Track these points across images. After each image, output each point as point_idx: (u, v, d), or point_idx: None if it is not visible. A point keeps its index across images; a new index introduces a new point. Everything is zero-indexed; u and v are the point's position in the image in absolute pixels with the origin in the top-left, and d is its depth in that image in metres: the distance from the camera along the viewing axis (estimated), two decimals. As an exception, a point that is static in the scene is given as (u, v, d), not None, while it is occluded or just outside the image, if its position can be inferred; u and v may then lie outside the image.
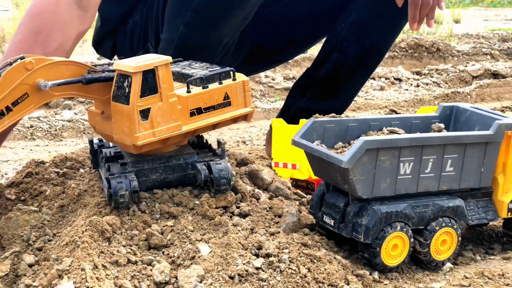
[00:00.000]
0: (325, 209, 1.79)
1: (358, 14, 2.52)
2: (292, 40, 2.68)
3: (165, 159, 1.74)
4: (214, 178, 1.72)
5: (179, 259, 1.58)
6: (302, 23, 2.64)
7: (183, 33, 2.11)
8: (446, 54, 5.37)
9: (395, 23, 2.53)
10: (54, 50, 1.71)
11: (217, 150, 1.81)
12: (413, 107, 4.09)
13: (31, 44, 1.68)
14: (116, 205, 1.65)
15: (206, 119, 1.73)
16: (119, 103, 1.61)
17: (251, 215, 1.76)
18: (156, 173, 1.73)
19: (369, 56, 2.58)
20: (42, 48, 1.69)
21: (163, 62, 1.62)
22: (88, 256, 1.49)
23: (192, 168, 1.76)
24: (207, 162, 1.76)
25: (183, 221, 1.67)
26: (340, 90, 2.63)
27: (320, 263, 1.63)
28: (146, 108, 1.61)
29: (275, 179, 1.96)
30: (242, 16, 2.16)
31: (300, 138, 1.79)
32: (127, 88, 1.60)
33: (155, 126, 1.63)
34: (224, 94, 1.76)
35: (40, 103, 1.58)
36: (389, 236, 1.69)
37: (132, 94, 1.59)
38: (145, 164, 1.72)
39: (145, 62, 1.60)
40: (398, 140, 1.69)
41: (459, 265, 1.84)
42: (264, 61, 2.72)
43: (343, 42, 2.54)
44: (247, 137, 3.24)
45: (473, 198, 1.85)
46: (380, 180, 1.69)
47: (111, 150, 1.82)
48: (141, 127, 1.61)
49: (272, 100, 4.17)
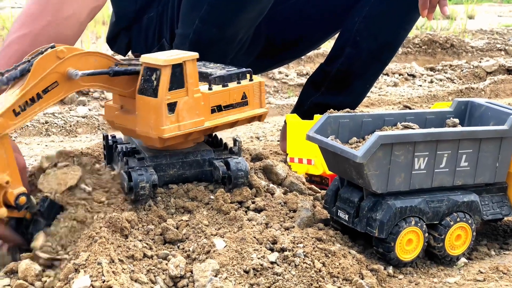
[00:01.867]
0: (339, 204, 1.79)
1: (371, 9, 2.52)
2: (304, 36, 2.69)
3: (182, 155, 1.76)
4: (232, 174, 1.74)
5: (194, 253, 1.59)
6: (314, 20, 2.64)
7: (198, 27, 2.12)
8: (460, 50, 5.35)
9: (408, 17, 2.53)
10: (66, 17, 1.69)
11: (234, 148, 1.82)
12: (427, 103, 4.08)
13: (43, 7, 1.65)
14: (136, 197, 1.66)
15: (225, 117, 1.75)
16: (145, 96, 1.62)
17: (266, 210, 1.76)
18: (174, 169, 1.74)
19: (382, 50, 2.58)
20: (52, 12, 1.66)
21: (191, 57, 1.65)
22: (105, 250, 1.50)
23: (209, 165, 1.78)
24: (224, 159, 1.77)
25: (198, 215, 1.68)
26: (354, 84, 2.63)
27: (334, 257, 1.63)
28: (173, 101, 1.63)
29: (290, 174, 1.96)
30: (257, 11, 2.16)
31: (314, 133, 1.80)
32: (155, 81, 1.61)
33: (180, 120, 1.64)
34: (242, 93, 1.78)
35: (69, 92, 1.59)
36: (404, 231, 1.69)
37: (161, 87, 1.60)
38: (163, 159, 1.73)
39: (175, 56, 1.62)
40: (412, 135, 1.69)
41: (473, 260, 1.84)
42: (276, 58, 2.72)
43: (357, 37, 2.55)
44: (261, 133, 3.24)
45: (488, 193, 1.85)
46: (395, 175, 1.69)
47: (126, 145, 1.83)
48: (168, 120, 1.62)
49: (286, 96, 4.17)
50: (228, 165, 1.75)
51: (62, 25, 1.67)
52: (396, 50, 2.67)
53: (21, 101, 1.50)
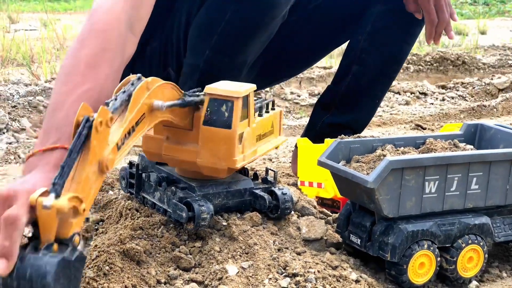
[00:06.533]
0: (351, 228, 1.80)
1: (373, 24, 2.54)
2: (302, 55, 2.70)
3: (226, 184, 1.78)
4: (280, 203, 1.78)
5: (206, 280, 1.61)
6: (313, 39, 2.66)
7: (209, 57, 2.13)
8: (471, 67, 5.35)
9: (410, 31, 2.56)
10: (116, 69, 1.67)
11: (269, 177, 1.86)
12: (439, 121, 4.08)
13: (99, 59, 1.64)
14: (197, 228, 1.68)
15: (263, 146, 1.80)
16: (213, 127, 1.63)
17: (278, 235, 1.78)
18: (219, 198, 1.76)
19: (388, 65, 2.60)
20: (109, 65, 1.63)
21: (253, 88, 1.70)
22: (119, 278, 1.52)
23: (249, 195, 1.80)
24: (263, 188, 1.81)
25: (211, 242, 1.70)
26: (363, 101, 2.65)
27: (346, 282, 1.64)
28: (241, 132, 1.66)
29: (301, 198, 1.98)
30: (266, 35, 2.18)
31: (325, 159, 1.81)
32: (226, 113, 1.63)
33: (245, 150, 1.68)
34: (271, 123, 1.84)
35: (151, 125, 1.54)
36: (416, 254, 1.70)
37: (235, 119, 1.63)
38: (210, 189, 1.75)
39: (243, 88, 1.66)
40: (422, 160, 1.70)
41: (485, 282, 1.85)
42: (271, 76, 2.73)
43: (362, 54, 2.57)
44: (274, 155, 3.26)
45: (499, 215, 1.86)
46: (406, 199, 1.70)
47: (158, 174, 1.83)
48: (238, 151, 1.65)
49: (298, 117, 4.19)
50: (274, 194, 1.79)
51: (116, 79, 1.65)
52: (402, 63, 2.69)
53: (122, 135, 1.40)
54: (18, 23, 7.27)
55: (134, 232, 1.70)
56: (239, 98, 1.63)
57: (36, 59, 5.03)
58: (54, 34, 5.84)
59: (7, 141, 3.21)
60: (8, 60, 4.86)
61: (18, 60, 4.91)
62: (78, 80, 1.58)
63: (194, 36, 2.19)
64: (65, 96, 1.55)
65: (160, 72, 2.36)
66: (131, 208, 1.84)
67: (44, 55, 4.95)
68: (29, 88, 3.84)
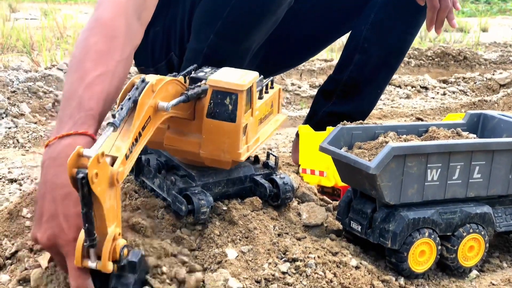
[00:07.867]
0: (352, 215, 1.79)
1: (376, 15, 2.54)
2: (305, 44, 2.69)
3: (226, 172, 1.74)
4: (281, 191, 1.75)
5: (206, 263, 1.59)
6: (316, 27, 2.65)
7: (213, 42, 2.10)
8: (473, 62, 5.34)
9: (413, 21, 2.55)
10: (127, 56, 1.67)
11: (270, 162, 1.83)
12: (440, 115, 4.07)
13: (110, 46, 1.64)
14: (196, 221, 1.65)
15: (265, 130, 1.75)
16: (218, 120, 1.59)
17: (278, 220, 1.77)
18: (219, 187, 1.73)
19: (390, 55, 2.59)
20: (119, 52, 1.63)
21: (256, 78, 1.65)
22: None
23: (250, 181, 1.78)
24: (264, 174, 1.78)
25: (211, 225, 1.68)
26: (365, 90, 2.64)
27: (346, 268, 1.63)
28: (245, 124, 1.62)
29: (301, 185, 1.97)
30: (272, 22, 2.16)
31: (327, 145, 1.80)
32: (230, 106, 1.58)
33: (248, 141, 1.64)
34: (271, 102, 1.79)
35: (156, 126, 1.50)
36: (417, 242, 1.69)
37: (239, 112, 1.58)
38: (210, 178, 1.72)
39: (247, 79, 1.61)
40: (425, 147, 1.69)
41: (485, 272, 1.84)
42: (274, 65, 2.72)
43: (365, 43, 2.56)
44: (273, 144, 3.25)
45: (501, 205, 1.85)
46: (408, 186, 1.69)
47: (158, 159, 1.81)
48: (242, 143, 1.62)
49: (298, 108, 4.18)
50: (274, 182, 1.76)
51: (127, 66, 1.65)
52: (404, 54, 2.68)
53: (130, 144, 1.38)
54: (19, 12, 7.25)
55: (134, 214, 1.69)
56: (243, 91, 1.58)
57: (36, 47, 5.02)
58: (55, 23, 5.83)
59: (6, 126, 3.20)
60: (8, 47, 4.85)
61: (18, 47, 4.90)
62: (89, 67, 1.58)
63: (198, 21, 2.16)
64: (77, 84, 1.56)
65: (162, 57, 2.35)
66: (130, 190, 1.83)
67: (44, 43, 4.93)
68: (29, 75, 3.82)
